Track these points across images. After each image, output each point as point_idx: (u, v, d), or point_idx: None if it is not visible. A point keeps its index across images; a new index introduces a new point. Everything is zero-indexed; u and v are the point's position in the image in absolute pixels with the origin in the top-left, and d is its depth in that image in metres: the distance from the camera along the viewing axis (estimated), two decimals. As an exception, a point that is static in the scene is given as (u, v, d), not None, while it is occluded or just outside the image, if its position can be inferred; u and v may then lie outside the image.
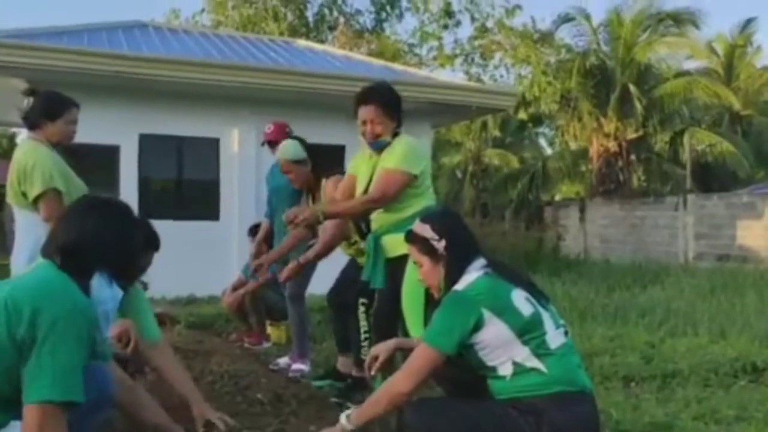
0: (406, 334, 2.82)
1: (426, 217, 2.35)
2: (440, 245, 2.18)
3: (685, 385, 3.78)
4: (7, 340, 1.60)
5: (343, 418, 2.14)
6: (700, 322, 5.48)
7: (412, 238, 2.27)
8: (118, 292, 2.49)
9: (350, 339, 3.54)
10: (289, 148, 3.86)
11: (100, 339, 2.04)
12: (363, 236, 3.22)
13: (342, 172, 3.53)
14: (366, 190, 3.04)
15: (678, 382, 3.84)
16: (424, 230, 2.23)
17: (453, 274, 2.15)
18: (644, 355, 4.38)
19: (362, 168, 3.12)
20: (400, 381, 2.06)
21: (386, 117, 2.98)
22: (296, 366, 4.12)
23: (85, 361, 1.68)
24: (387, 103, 3.01)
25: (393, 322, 2.98)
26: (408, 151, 2.94)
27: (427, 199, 3.01)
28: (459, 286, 2.10)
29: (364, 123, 2.98)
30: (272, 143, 4.58)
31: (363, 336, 3.38)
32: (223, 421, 2.55)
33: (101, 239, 1.78)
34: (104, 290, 2.22)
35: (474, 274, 2.12)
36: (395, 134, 3.04)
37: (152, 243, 2.60)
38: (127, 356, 2.58)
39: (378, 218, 3.02)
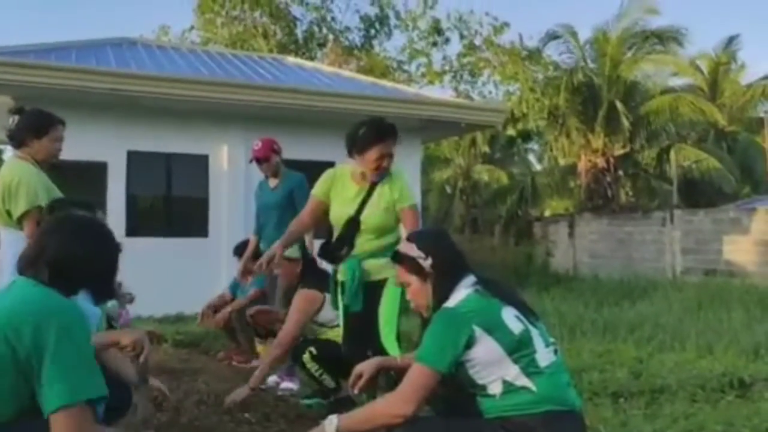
0: (380, 353, 2.81)
1: (411, 235, 2.34)
2: (426, 263, 2.16)
3: (673, 400, 3.79)
4: (10, 362, 1.58)
5: (330, 427, 2.02)
6: (688, 337, 5.52)
7: (398, 258, 2.24)
8: (98, 310, 2.49)
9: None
10: None
11: None
12: (336, 261, 3.19)
13: None
14: (357, 214, 3.07)
15: (666, 398, 3.84)
16: (410, 249, 2.20)
17: (441, 292, 2.13)
18: (633, 370, 4.40)
19: (348, 193, 3.13)
20: (400, 404, 1.99)
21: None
22: (285, 384, 4.10)
23: (94, 360, 1.69)
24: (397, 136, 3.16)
25: (365, 344, 3.02)
26: (408, 185, 3.17)
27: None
28: (449, 303, 2.08)
29: (383, 156, 3.02)
30: (260, 160, 4.59)
31: (317, 374, 3.60)
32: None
33: (94, 260, 1.82)
34: (90, 307, 2.20)
35: (464, 291, 2.10)
36: None
37: None
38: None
39: (364, 243, 3.08)
